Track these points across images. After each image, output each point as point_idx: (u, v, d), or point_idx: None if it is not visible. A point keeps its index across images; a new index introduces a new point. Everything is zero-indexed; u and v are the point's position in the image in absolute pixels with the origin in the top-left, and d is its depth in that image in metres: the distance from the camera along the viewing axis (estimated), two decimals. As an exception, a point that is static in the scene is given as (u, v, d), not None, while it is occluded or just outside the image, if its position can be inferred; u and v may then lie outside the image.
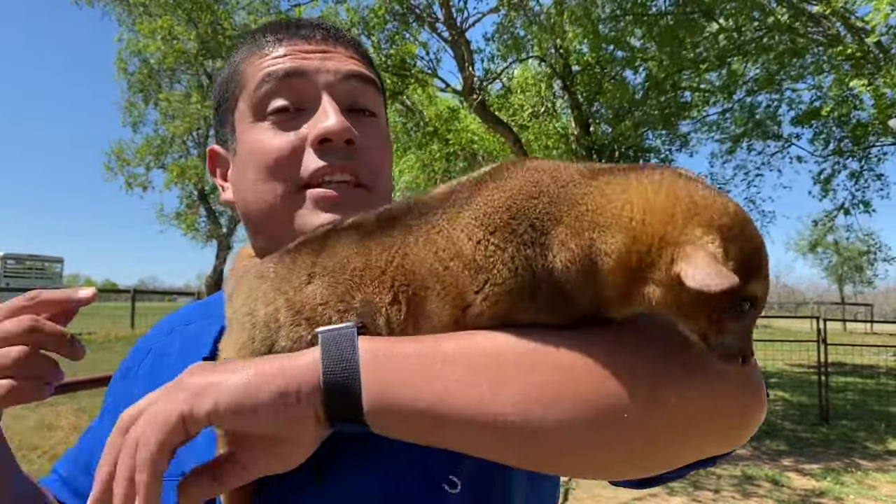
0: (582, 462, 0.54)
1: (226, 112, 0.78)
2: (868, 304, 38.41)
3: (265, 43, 0.75)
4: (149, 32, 11.53)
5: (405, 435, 0.52)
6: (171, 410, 0.48)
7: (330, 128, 0.69)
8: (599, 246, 0.50)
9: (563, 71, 12.12)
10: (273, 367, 0.50)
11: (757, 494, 5.27)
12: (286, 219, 0.71)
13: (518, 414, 0.50)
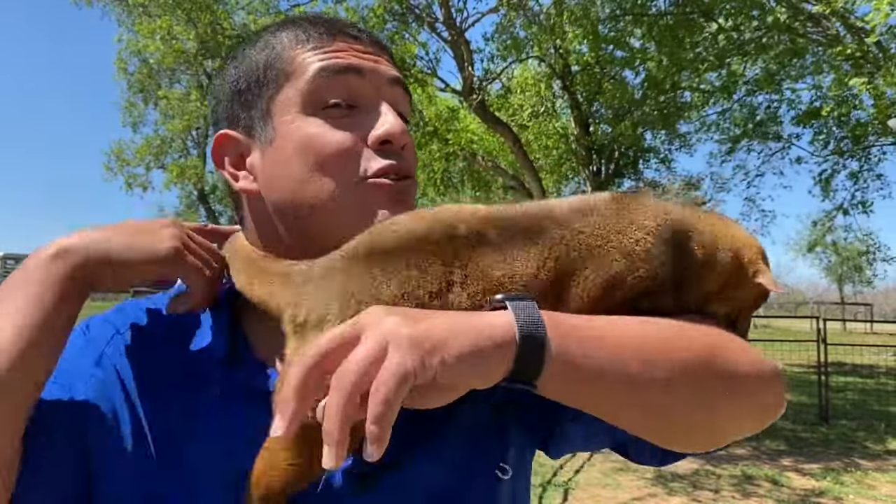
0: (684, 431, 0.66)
1: (255, 97, 0.73)
2: (868, 303, 38.43)
3: (316, 35, 0.73)
4: (148, 32, 11.54)
5: (569, 394, 0.57)
6: (404, 364, 0.46)
7: (392, 132, 0.70)
8: (721, 257, 0.70)
9: (563, 71, 12.13)
10: (474, 325, 0.52)
11: (757, 494, 5.27)
12: (340, 210, 0.69)
13: (670, 384, 0.59)
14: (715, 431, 0.67)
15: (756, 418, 0.68)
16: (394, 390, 0.45)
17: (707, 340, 0.64)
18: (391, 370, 0.46)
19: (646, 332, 0.62)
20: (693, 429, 0.65)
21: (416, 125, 13.47)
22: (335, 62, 0.71)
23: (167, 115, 16.56)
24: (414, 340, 0.48)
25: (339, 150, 0.69)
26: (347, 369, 0.47)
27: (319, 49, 0.72)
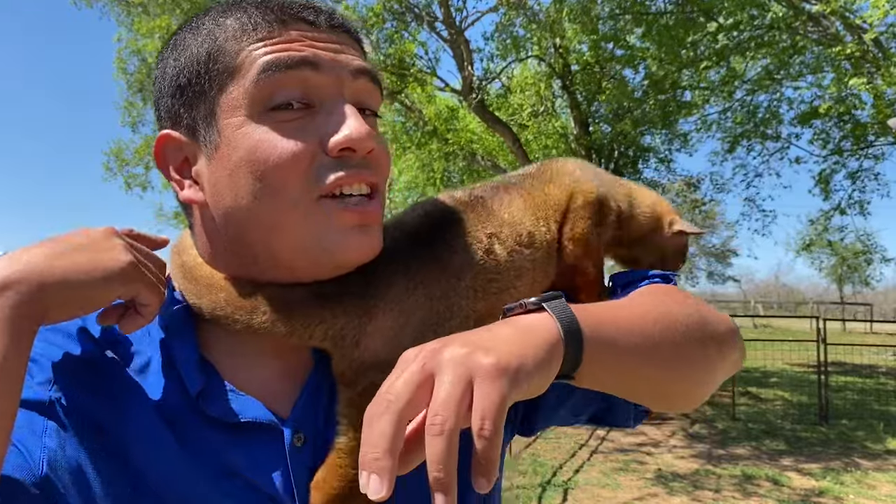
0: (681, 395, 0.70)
1: (198, 95, 0.64)
2: (868, 303, 38.42)
3: (264, 23, 0.63)
4: (147, 32, 11.53)
5: (598, 378, 0.59)
6: (502, 394, 0.45)
7: (355, 137, 0.60)
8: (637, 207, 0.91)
9: (563, 70, 12.11)
10: (527, 334, 0.52)
11: (757, 494, 5.26)
12: (296, 233, 0.62)
13: (680, 351, 0.64)
14: (706, 390, 0.72)
15: (729, 371, 0.75)
16: (498, 422, 0.44)
17: (690, 307, 0.70)
18: (491, 402, 0.45)
19: (649, 308, 0.66)
20: (692, 391, 0.70)
21: (415, 124, 13.45)
22: (286, 55, 0.61)
23: (166, 114, 16.57)
24: (500, 369, 0.46)
25: (291, 160, 0.60)
26: (443, 413, 0.44)
27: (268, 40, 0.62)
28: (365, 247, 0.64)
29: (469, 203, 0.76)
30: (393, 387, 0.46)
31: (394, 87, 10.85)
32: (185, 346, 0.65)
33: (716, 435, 7.44)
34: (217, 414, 0.62)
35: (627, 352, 0.60)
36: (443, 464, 0.43)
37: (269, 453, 0.63)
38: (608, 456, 6.49)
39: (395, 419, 0.44)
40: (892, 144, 11.45)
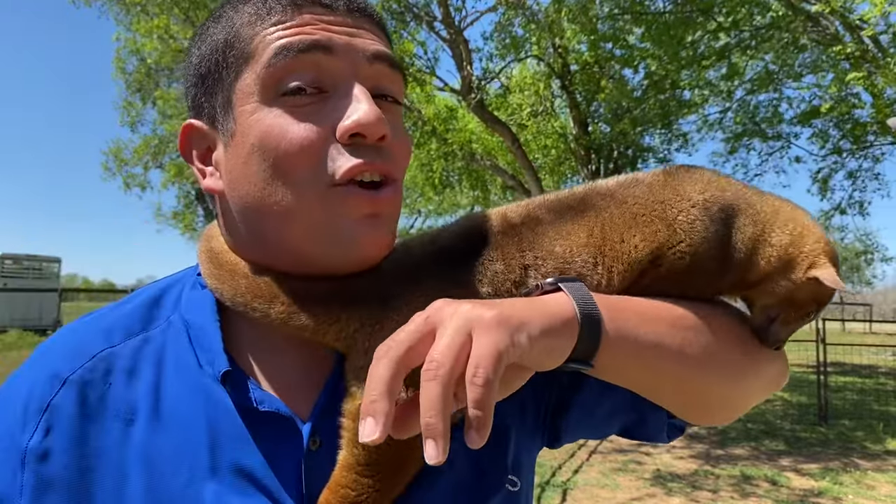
0: (715, 404, 0.69)
1: (216, 82, 0.64)
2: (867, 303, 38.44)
3: (279, 7, 0.61)
4: (146, 31, 11.51)
5: (619, 369, 0.59)
6: (498, 342, 0.46)
7: (364, 121, 0.58)
8: (768, 238, 0.67)
9: (562, 70, 12.11)
10: (540, 306, 0.53)
11: (755, 494, 5.25)
12: (308, 222, 0.60)
13: (700, 360, 0.63)
14: (736, 405, 0.71)
15: (766, 390, 0.73)
16: (492, 370, 0.44)
17: (726, 322, 0.69)
18: (486, 350, 0.45)
19: (681, 312, 0.65)
20: (719, 402, 0.69)
21: (414, 124, 13.45)
22: (298, 39, 0.59)
23: (165, 114, 16.52)
24: (499, 320, 0.47)
25: (301, 146, 0.59)
26: (439, 359, 0.45)
27: (281, 24, 0.60)
28: (375, 241, 0.62)
29: (517, 225, 0.68)
30: (396, 335, 0.47)
31: (393, 86, 10.84)
32: (208, 327, 0.64)
33: (715, 435, 7.43)
34: (238, 401, 0.60)
35: (650, 345, 0.59)
36: (435, 409, 0.43)
37: (283, 454, 0.60)
38: (607, 456, 6.48)
39: (393, 364, 0.45)
40: (891, 144, 11.45)
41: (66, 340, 0.66)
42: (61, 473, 0.58)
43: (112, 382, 0.62)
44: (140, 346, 0.64)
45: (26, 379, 0.63)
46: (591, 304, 0.55)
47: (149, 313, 0.67)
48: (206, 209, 20.82)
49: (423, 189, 16.23)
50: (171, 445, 0.59)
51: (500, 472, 0.67)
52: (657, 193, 0.68)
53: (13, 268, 19.82)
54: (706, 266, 0.66)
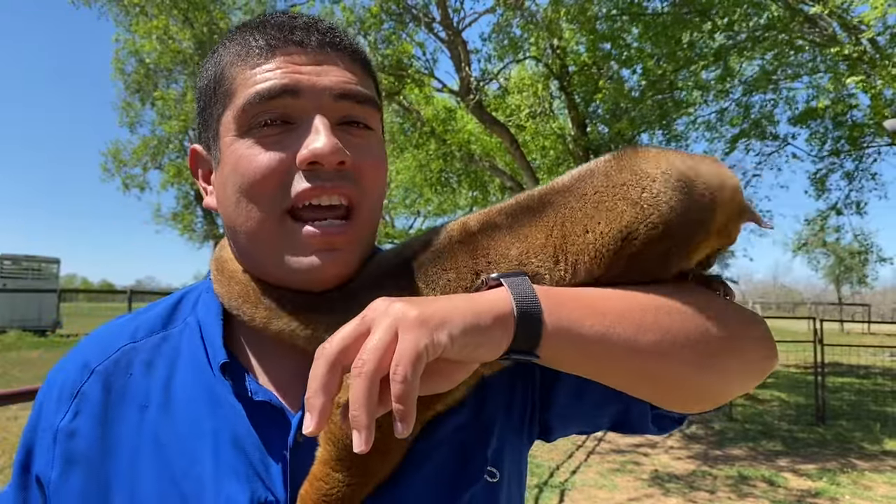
0: (689, 392, 0.68)
1: (210, 115, 0.71)
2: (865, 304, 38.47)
3: (256, 49, 0.67)
4: (145, 33, 11.53)
5: (567, 361, 0.61)
6: (417, 341, 0.49)
7: (318, 151, 0.63)
8: (719, 196, 0.71)
9: (560, 71, 12.12)
10: (474, 302, 0.56)
11: (753, 495, 5.27)
12: (269, 246, 0.67)
13: (659, 347, 0.62)
14: (711, 390, 0.70)
15: (751, 374, 0.71)
16: (411, 367, 0.48)
17: (696, 302, 0.67)
18: (406, 348, 0.49)
19: (635, 300, 0.65)
20: (689, 389, 0.68)
21: (413, 125, 13.46)
22: (268, 86, 0.65)
23: (164, 115, 16.53)
24: (421, 319, 0.51)
25: (265, 173, 0.64)
26: (365, 358, 0.49)
27: (258, 66, 0.67)
28: (331, 271, 0.66)
29: (474, 233, 0.70)
30: (334, 336, 0.51)
31: (391, 87, 10.86)
32: (212, 326, 0.71)
33: (713, 436, 7.45)
34: (235, 391, 0.67)
35: (597, 336, 0.60)
36: (360, 403, 0.48)
37: (274, 441, 0.66)
38: (605, 457, 6.49)
39: (327, 363, 0.49)
40: (889, 145, 11.47)
41: (99, 336, 0.76)
42: (85, 451, 0.67)
43: (132, 373, 0.71)
44: (159, 343, 0.73)
45: (65, 367, 0.73)
46: (531, 297, 0.57)
47: (169, 315, 0.76)
48: (204, 210, 20.82)
49: (422, 189, 16.23)
50: (178, 430, 0.67)
51: (480, 463, 0.70)
52: (615, 178, 0.70)
53: (12, 268, 19.81)
54: (678, 233, 0.69)
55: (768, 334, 0.72)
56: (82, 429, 0.68)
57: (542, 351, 0.57)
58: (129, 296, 23.49)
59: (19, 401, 2.77)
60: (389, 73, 10.60)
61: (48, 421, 0.70)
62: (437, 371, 0.53)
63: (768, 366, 0.73)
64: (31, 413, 0.73)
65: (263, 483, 0.64)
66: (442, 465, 0.69)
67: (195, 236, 20.96)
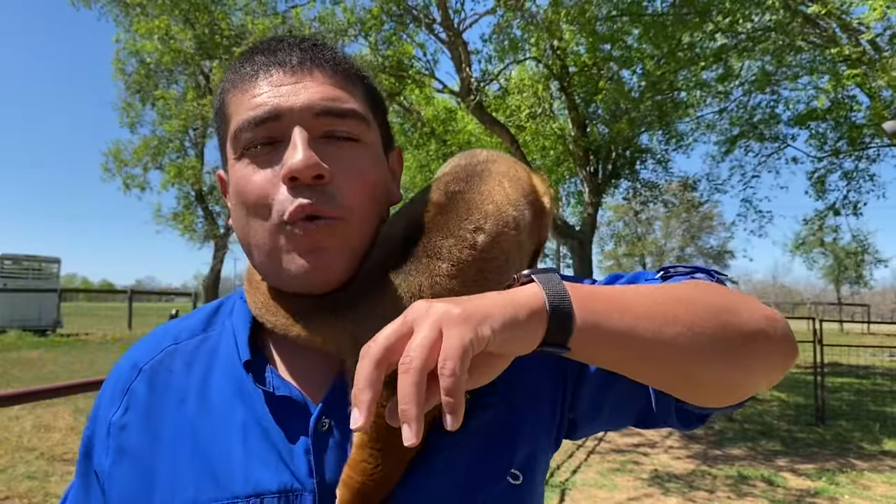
0: (715, 386, 0.69)
1: (220, 140, 0.78)
2: (865, 304, 38.50)
3: (245, 76, 0.73)
4: (146, 33, 11.53)
5: (597, 355, 0.62)
6: (463, 336, 0.51)
7: (294, 165, 0.67)
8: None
9: (560, 72, 12.14)
10: (510, 298, 0.58)
11: (752, 494, 5.29)
12: (272, 255, 0.71)
13: (686, 339, 0.64)
14: (737, 385, 0.70)
15: (774, 369, 0.72)
16: (459, 361, 0.50)
17: (719, 298, 0.70)
18: (453, 343, 0.51)
19: (659, 293, 0.67)
20: (715, 383, 0.69)
21: (413, 125, 13.48)
22: (250, 117, 0.70)
23: (165, 115, 16.54)
24: (464, 316, 0.53)
25: (259, 193, 0.70)
26: (413, 354, 0.50)
27: (246, 92, 0.72)
28: (315, 271, 0.69)
29: (444, 204, 0.76)
30: (377, 336, 0.53)
31: (392, 88, 10.87)
32: (241, 329, 0.78)
33: (712, 435, 7.47)
34: (260, 385, 0.72)
35: (624, 329, 0.62)
36: (410, 398, 0.49)
37: (297, 433, 0.70)
38: (605, 456, 6.51)
39: (373, 362, 0.51)
40: (887, 146, 11.49)
41: (149, 338, 0.84)
42: (134, 444, 0.74)
43: (173, 371, 0.78)
44: (199, 344, 0.80)
45: (119, 366, 0.81)
46: (561, 292, 0.59)
47: (209, 319, 0.83)
48: (205, 209, 20.84)
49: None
50: (212, 421, 0.72)
51: (503, 464, 0.72)
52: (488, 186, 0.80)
53: (13, 268, 19.81)
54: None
55: (788, 330, 0.74)
56: (132, 423, 0.75)
57: (573, 343, 0.59)
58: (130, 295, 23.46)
59: (20, 402, 2.77)
60: (390, 73, 10.62)
61: (104, 415, 0.78)
62: (479, 364, 0.56)
63: (790, 361, 0.74)
64: (92, 408, 0.81)
65: (290, 471, 0.68)
66: (466, 459, 0.71)
67: (196, 236, 20.96)
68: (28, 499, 4.76)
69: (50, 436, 6.49)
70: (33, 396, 2.62)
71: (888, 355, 15.63)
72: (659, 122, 12.10)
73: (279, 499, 0.68)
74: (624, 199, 16.94)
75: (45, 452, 5.91)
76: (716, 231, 46.63)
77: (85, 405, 7.66)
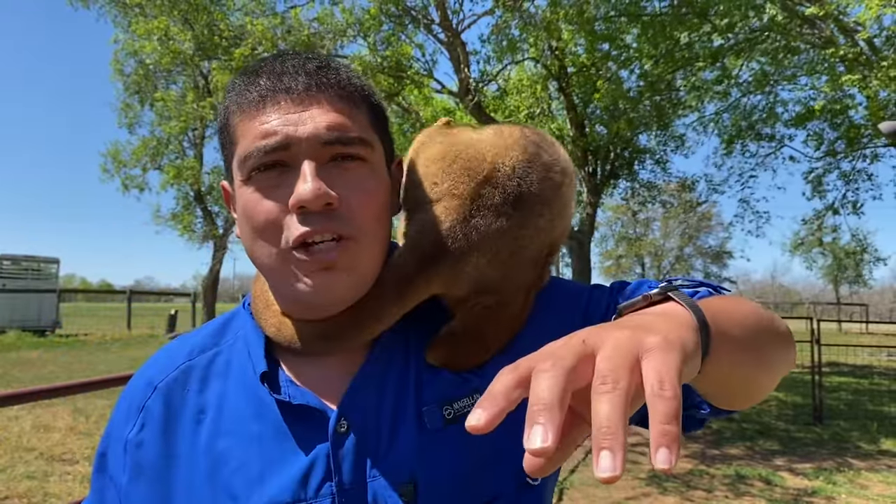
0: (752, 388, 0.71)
1: (225, 156, 0.78)
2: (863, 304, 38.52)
3: (251, 101, 0.72)
4: (144, 34, 11.53)
5: (721, 372, 0.61)
6: (676, 360, 0.44)
7: (303, 198, 0.68)
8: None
9: (559, 72, 12.16)
10: (676, 320, 0.54)
11: (749, 494, 5.30)
12: (280, 278, 0.73)
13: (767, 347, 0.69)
14: (763, 387, 0.73)
15: (783, 371, 0.75)
16: (678, 387, 0.43)
17: (755, 307, 0.72)
18: (670, 367, 0.43)
19: (736, 304, 0.68)
20: (766, 387, 0.73)
21: (412, 126, 13.47)
22: (262, 144, 0.70)
23: (163, 116, 16.54)
24: (669, 342, 0.46)
25: (266, 220, 0.70)
26: (614, 376, 0.42)
27: (253, 118, 0.72)
28: (321, 286, 0.70)
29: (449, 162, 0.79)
30: (557, 350, 0.45)
31: (391, 89, 10.88)
32: (255, 341, 0.79)
33: (710, 435, 7.48)
34: (277, 397, 0.73)
35: (738, 344, 0.61)
36: (617, 423, 0.40)
37: (316, 440, 0.70)
38: (603, 456, 6.52)
39: (562, 375, 0.42)
40: (885, 146, 11.51)
41: (162, 355, 0.84)
42: (151, 460, 0.74)
43: (189, 389, 0.78)
44: (212, 359, 0.81)
45: (134, 383, 0.82)
46: (699, 309, 0.56)
47: (220, 332, 0.84)
48: (204, 210, 20.83)
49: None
50: (228, 435, 0.73)
51: (520, 460, 0.69)
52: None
53: (11, 268, 19.80)
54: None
55: (790, 331, 0.77)
56: (147, 440, 0.76)
57: (709, 358, 0.56)
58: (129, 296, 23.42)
59: (19, 402, 2.77)
60: (389, 74, 10.62)
61: (119, 432, 0.78)
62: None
63: (793, 363, 0.77)
64: (108, 424, 0.82)
65: (307, 480, 0.69)
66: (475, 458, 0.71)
67: (195, 237, 20.94)
68: (27, 499, 4.77)
69: (49, 436, 6.49)
70: (32, 396, 2.63)
71: (886, 355, 15.66)
72: (657, 123, 12.12)
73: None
74: (622, 199, 16.96)
75: (45, 452, 5.92)
76: (714, 231, 46.63)
77: (84, 405, 7.67)
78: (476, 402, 0.68)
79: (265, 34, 10.08)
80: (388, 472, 0.69)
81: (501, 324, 0.77)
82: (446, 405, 0.73)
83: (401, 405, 0.73)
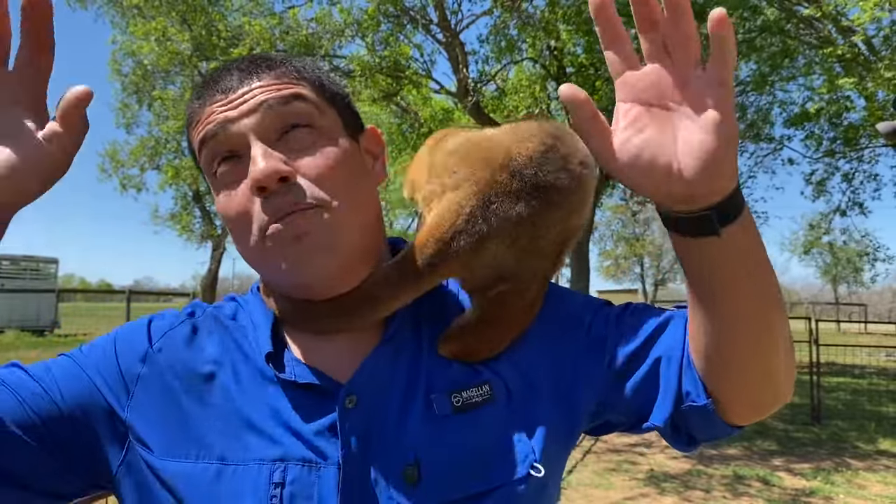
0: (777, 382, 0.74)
1: (202, 170, 0.80)
2: (862, 304, 38.57)
3: (195, 110, 0.75)
4: (143, 34, 11.53)
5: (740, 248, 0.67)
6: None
7: (257, 177, 0.68)
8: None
9: (558, 72, 12.16)
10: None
11: (748, 494, 5.31)
12: (265, 265, 0.73)
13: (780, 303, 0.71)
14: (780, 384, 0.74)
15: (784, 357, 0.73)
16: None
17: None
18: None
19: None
20: (776, 381, 0.73)
21: (410, 126, 13.48)
22: (202, 135, 0.73)
23: (161, 115, 16.52)
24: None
25: (238, 214, 0.72)
26: None
27: (199, 123, 0.74)
28: (302, 254, 0.69)
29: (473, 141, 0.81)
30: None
31: (389, 89, 10.89)
32: (263, 321, 0.79)
33: (708, 435, 7.48)
34: (281, 374, 0.73)
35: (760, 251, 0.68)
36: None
37: (322, 412, 0.70)
38: (601, 456, 6.53)
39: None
40: (884, 146, 11.52)
41: (188, 305, 0.86)
42: (163, 375, 0.75)
43: (212, 332, 0.79)
44: (235, 310, 0.82)
45: (164, 312, 0.83)
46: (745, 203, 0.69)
47: (233, 301, 0.86)
48: (202, 209, 20.83)
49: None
50: (241, 393, 0.73)
51: (525, 452, 0.72)
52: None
53: (10, 269, 19.80)
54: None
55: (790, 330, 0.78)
56: (164, 359, 0.76)
57: (736, 222, 0.65)
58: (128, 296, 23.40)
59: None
60: (387, 74, 10.63)
61: (141, 343, 0.77)
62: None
63: (791, 354, 0.77)
64: (120, 332, 0.80)
65: (314, 446, 0.69)
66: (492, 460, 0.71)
67: (193, 237, 20.94)
68: (25, 500, 4.76)
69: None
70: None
71: (885, 355, 15.67)
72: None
73: (303, 466, 0.68)
74: (621, 199, 16.98)
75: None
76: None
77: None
78: (485, 392, 0.73)
79: (263, 34, 10.09)
80: (392, 451, 0.69)
81: (517, 311, 0.78)
82: (455, 393, 0.73)
83: (411, 389, 0.73)
